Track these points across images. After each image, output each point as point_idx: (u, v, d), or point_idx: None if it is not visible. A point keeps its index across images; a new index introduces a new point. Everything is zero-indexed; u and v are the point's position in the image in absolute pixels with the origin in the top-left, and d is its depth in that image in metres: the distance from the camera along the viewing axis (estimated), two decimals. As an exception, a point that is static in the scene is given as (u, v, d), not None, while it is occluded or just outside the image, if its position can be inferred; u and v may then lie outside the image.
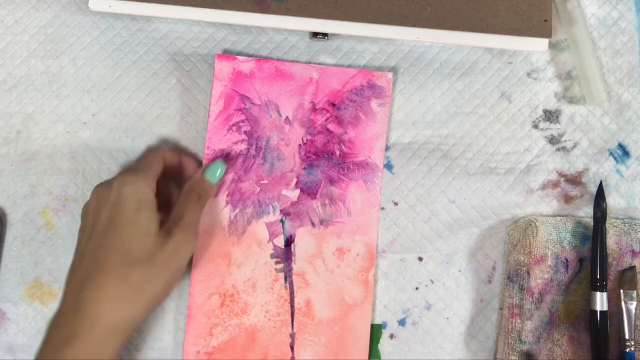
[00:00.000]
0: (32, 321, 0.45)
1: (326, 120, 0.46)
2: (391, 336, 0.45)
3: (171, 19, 0.47)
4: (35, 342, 0.44)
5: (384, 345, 0.45)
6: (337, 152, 0.46)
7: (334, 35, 0.47)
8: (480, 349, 0.46)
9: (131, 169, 0.41)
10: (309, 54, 0.47)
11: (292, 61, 0.46)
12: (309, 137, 0.46)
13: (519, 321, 0.44)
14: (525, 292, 0.44)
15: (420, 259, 0.46)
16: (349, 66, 0.47)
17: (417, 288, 0.46)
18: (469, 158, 0.47)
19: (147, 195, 0.39)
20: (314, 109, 0.46)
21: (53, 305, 0.45)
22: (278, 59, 0.47)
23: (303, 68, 0.46)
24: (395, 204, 0.46)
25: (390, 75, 0.47)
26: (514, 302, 0.44)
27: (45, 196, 0.46)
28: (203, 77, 0.47)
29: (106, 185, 0.40)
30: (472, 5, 0.42)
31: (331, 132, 0.46)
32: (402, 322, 0.46)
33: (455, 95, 0.47)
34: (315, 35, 0.46)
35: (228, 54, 0.47)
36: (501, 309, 0.46)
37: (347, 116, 0.46)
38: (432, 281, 0.46)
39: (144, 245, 0.37)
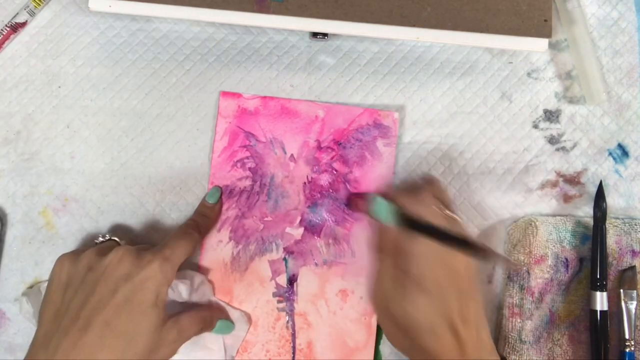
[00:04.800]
0: (32, 321, 0.45)
1: (331, 158, 0.46)
2: (391, 336, 0.45)
3: (171, 19, 0.47)
4: (35, 342, 0.44)
5: (385, 346, 0.45)
6: (342, 191, 0.46)
7: (334, 35, 0.47)
8: (480, 348, 0.46)
9: (166, 259, 0.38)
10: (309, 54, 0.47)
11: (297, 99, 0.46)
12: (314, 176, 0.46)
13: (519, 321, 0.44)
14: (525, 291, 0.44)
15: (420, 258, 0.46)
16: (349, 66, 0.47)
17: (417, 288, 0.46)
18: (468, 158, 0.47)
19: (165, 293, 0.38)
20: (319, 147, 0.46)
21: (53, 305, 0.45)
22: (284, 97, 0.46)
23: (309, 106, 0.46)
24: (395, 203, 0.46)
25: (396, 114, 0.46)
26: (514, 302, 0.44)
27: (46, 196, 0.46)
28: (202, 77, 0.47)
29: (136, 259, 0.38)
30: (472, 5, 0.42)
31: (336, 170, 0.46)
32: (402, 322, 0.46)
33: (455, 95, 0.47)
34: (315, 35, 0.46)
35: (226, 52, 0.47)
36: (501, 308, 0.46)
37: (353, 155, 0.46)
38: (432, 281, 0.46)
39: (148, 341, 0.36)
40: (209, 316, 0.42)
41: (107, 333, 0.35)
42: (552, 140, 0.48)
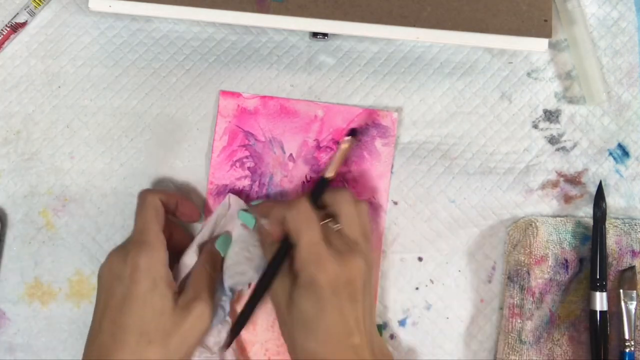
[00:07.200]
0: (31, 321, 0.45)
1: (330, 158, 0.46)
2: (391, 337, 0.45)
3: (171, 19, 0.47)
4: (35, 342, 0.44)
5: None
6: None
7: (334, 35, 0.47)
8: (480, 349, 0.46)
9: (142, 242, 0.39)
10: (309, 54, 0.47)
11: (296, 99, 0.46)
12: (312, 175, 0.46)
13: (519, 321, 0.44)
14: (525, 292, 0.44)
15: (420, 259, 0.46)
16: (349, 66, 0.47)
17: (417, 288, 0.46)
18: (468, 158, 0.47)
19: (161, 271, 0.38)
20: (318, 147, 0.46)
21: (53, 305, 0.45)
22: (283, 97, 0.46)
23: (308, 105, 0.46)
24: (395, 203, 0.46)
25: (395, 114, 0.46)
26: (515, 302, 0.44)
27: (45, 196, 0.46)
28: (202, 77, 0.47)
29: (120, 258, 0.39)
30: (472, 5, 0.42)
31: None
32: (402, 323, 0.46)
33: (455, 95, 0.47)
34: (315, 35, 0.46)
35: (226, 51, 0.47)
36: (501, 309, 0.46)
37: (351, 155, 0.46)
38: (432, 281, 0.46)
39: (160, 325, 0.37)
40: (209, 256, 0.42)
41: (115, 330, 0.37)
42: (552, 140, 0.48)
